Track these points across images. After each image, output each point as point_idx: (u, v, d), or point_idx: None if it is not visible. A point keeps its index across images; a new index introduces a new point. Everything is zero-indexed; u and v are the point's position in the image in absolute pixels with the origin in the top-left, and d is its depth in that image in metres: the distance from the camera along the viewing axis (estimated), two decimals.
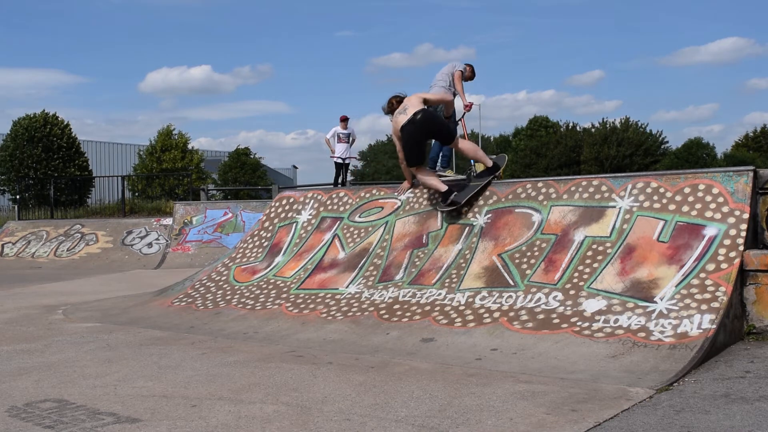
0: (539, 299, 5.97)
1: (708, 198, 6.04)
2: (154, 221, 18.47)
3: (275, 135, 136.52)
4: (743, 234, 5.65)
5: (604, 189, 6.67)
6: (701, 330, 5.06)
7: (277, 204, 9.16)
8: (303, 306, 7.04)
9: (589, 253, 6.21)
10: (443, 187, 7.51)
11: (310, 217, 8.58)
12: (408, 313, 6.36)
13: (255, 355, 5.59)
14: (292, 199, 9.04)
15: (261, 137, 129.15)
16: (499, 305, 6.07)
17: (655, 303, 5.46)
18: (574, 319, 5.60)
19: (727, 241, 5.67)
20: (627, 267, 5.91)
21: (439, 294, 6.52)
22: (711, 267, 5.55)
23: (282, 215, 8.90)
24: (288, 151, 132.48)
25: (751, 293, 5.54)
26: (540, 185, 7.14)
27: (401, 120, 7.62)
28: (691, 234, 5.88)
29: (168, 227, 17.59)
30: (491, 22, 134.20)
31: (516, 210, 7.06)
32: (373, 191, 8.54)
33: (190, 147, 37.88)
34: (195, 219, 17.22)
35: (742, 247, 5.58)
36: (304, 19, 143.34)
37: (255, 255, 8.50)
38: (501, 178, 7.80)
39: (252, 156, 42.67)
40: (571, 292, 5.92)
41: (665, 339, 5.07)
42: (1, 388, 4.70)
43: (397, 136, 7.67)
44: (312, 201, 8.77)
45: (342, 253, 7.78)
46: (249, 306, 7.35)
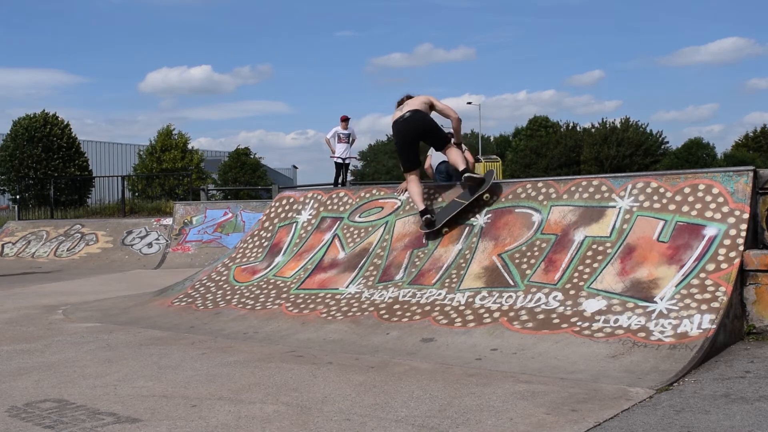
0: (539, 299, 5.97)
1: (708, 198, 6.04)
2: (154, 221, 18.47)
3: (275, 135, 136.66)
4: (743, 234, 5.65)
5: (604, 189, 6.67)
6: (701, 330, 5.06)
7: (277, 204, 9.16)
8: (303, 306, 7.04)
9: (589, 253, 6.21)
10: (421, 206, 7.30)
11: (310, 217, 8.58)
12: (408, 313, 6.36)
13: (255, 355, 5.59)
14: (292, 199, 9.04)
15: (261, 137, 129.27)
16: (499, 305, 6.07)
17: (655, 303, 5.46)
18: (574, 319, 5.60)
19: (727, 241, 5.67)
20: (627, 267, 5.91)
21: (439, 294, 6.52)
22: (711, 267, 5.55)
23: (282, 215, 8.90)
24: (288, 151, 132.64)
25: (751, 293, 5.54)
26: (540, 185, 7.14)
27: (395, 116, 7.52)
28: (691, 234, 5.88)
29: (168, 227, 17.59)
30: (491, 22, 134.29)
31: (516, 210, 7.06)
32: (373, 191, 8.54)
33: (190, 147, 37.92)
34: (195, 219, 17.21)
35: (742, 247, 5.58)
36: (304, 19, 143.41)
37: (255, 255, 8.50)
38: (488, 200, 7.29)
39: (252, 156, 42.70)
40: (571, 292, 5.92)
41: (665, 339, 5.07)
42: (1, 388, 4.70)
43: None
44: (312, 201, 8.77)
45: (342, 253, 7.78)
46: (249, 306, 7.35)
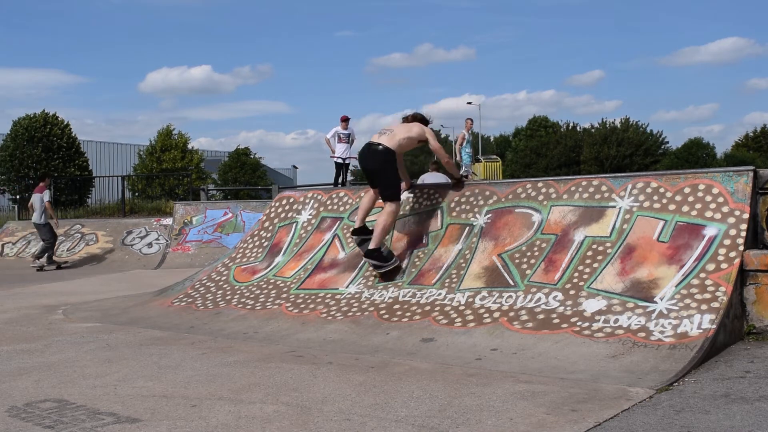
0: (539, 299, 5.97)
1: (708, 198, 6.04)
2: (154, 221, 18.45)
3: (275, 135, 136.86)
4: (743, 234, 5.65)
5: (604, 189, 6.67)
6: (701, 330, 5.06)
7: (277, 204, 9.15)
8: (303, 306, 7.04)
9: (589, 253, 6.21)
10: (356, 224, 7.33)
11: (310, 217, 8.58)
12: (408, 313, 6.36)
13: (255, 355, 5.59)
14: (292, 199, 9.04)
15: (261, 137, 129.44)
16: (499, 305, 6.07)
17: (655, 303, 5.46)
18: (574, 319, 5.60)
19: (727, 241, 5.67)
20: (627, 267, 5.91)
21: (439, 294, 6.52)
22: (711, 267, 5.55)
23: (282, 215, 8.90)
24: (288, 151, 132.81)
25: (751, 293, 5.54)
26: (540, 185, 7.13)
27: (373, 137, 7.29)
28: (691, 234, 5.88)
29: (168, 227, 17.57)
30: (491, 22, 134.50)
31: (516, 210, 7.05)
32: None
33: (190, 147, 37.92)
34: (195, 219, 17.19)
35: (742, 247, 5.58)
36: (304, 19, 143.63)
37: (255, 255, 8.50)
38: (381, 279, 7.01)
39: (252, 156, 42.68)
40: (571, 292, 5.92)
41: (665, 339, 5.07)
42: (1, 388, 4.70)
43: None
44: (312, 201, 8.76)
45: (342, 253, 7.78)
46: (249, 306, 7.35)
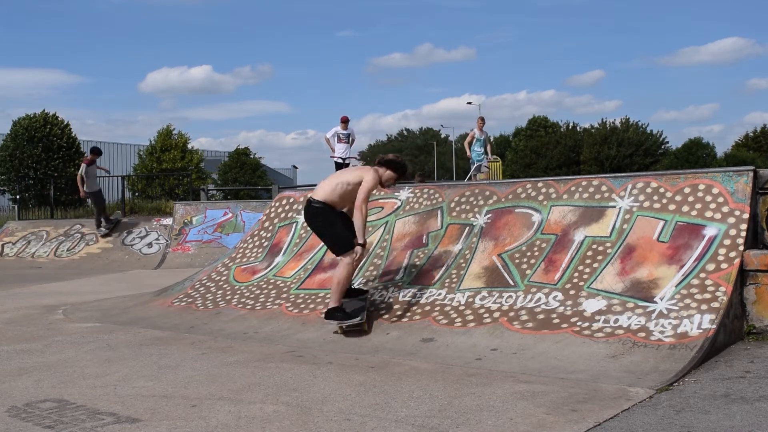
0: (539, 299, 5.97)
1: (708, 198, 6.04)
2: (154, 221, 18.43)
3: (275, 135, 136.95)
4: (743, 234, 5.65)
5: (604, 189, 6.67)
6: (701, 330, 5.06)
7: (277, 204, 9.15)
8: (303, 306, 7.04)
9: (589, 253, 6.21)
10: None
11: None
12: (408, 313, 6.36)
13: (255, 355, 5.59)
14: (292, 199, 9.03)
15: (261, 137, 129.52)
16: (499, 305, 6.07)
17: (655, 303, 5.46)
18: (574, 319, 5.60)
19: (727, 241, 5.67)
20: (627, 267, 5.91)
21: (439, 294, 6.52)
22: (711, 267, 5.55)
23: (282, 215, 8.90)
24: (288, 151, 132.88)
25: (751, 293, 5.54)
26: (540, 185, 7.14)
27: (312, 192, 6.61)
28: (691, 234, 5.88)
29: (168, 227, 17.56)
30: (491, 22, 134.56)
31: (516, 210, 7.05)
32: (373, 191, 8.51)
33: (190, 147, 37.89)
34: (195, 219, 17.19)
35: (742, 247, 5.58)
36: (304, 19, 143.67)
37: (255, 255, 8.49)
38: (342, 330, 6.22)
39: (252, 156, 42.67)
40: (571, 292, 5.92)
41: (665, 339, 5.07)
42: (1, 388, 4.70)
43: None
44: None
45: None
46: (249, 306, 7.35)
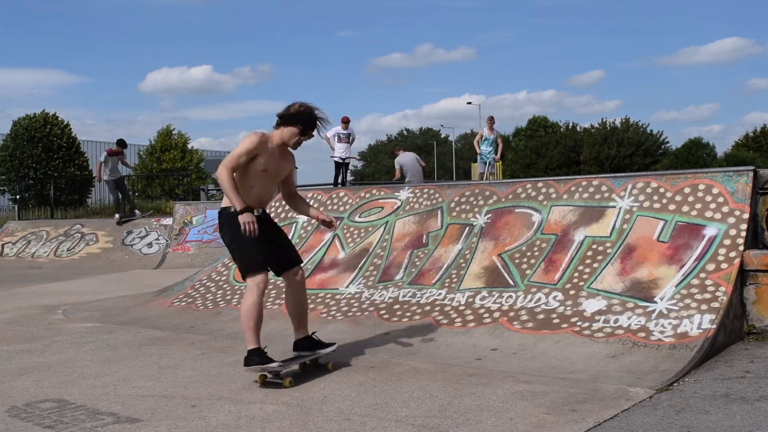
0: (539, 299, 5.97)
1: (708, 198, 6.04)
2: (154, 221, 18.40)
3: None
4: (743, 234, 5.65)
5: (604, 189, 6.67)
6: (701, 330, 5.06)
7: (277, 204, 9.15)
8: None
9: (589, 253, 6.21)
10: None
11: None
12: (408, 313, 6.36)
13: None
14: None
15: None
16: (499, 305, 6.07)
17: (655, 303, 5.46)
18: (574, 319, 5.60)
19: (727, 241, 5.67)
20: (627, 267, 5.91)
21: (439, 294, 6.52)
22: (711, 267, 5.55)
23: (282, 215, 8.89)
24: None
25: (751, 293, 5.54)
26: (540, 185, 7.13)
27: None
28: (691, 234, 5.88)
29: (168, 227, 17.54)
30: (491, 22, 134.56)
31: (516, 210, 7.05)
32: (373, 191, 8.54)
33: (189, 147, 37.90)
34: (195, 219, 17.17)
35: (742, 247, 5.58)
36: (304, 19, 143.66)
37: None
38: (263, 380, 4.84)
39: None
40: (571, 292, 5.92)
41: (665, 339, 5.07)
42: (1, 388, 4.70)
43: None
44: (312, 201, 8.76)
45: (342, 253, 7.78)
46: None
